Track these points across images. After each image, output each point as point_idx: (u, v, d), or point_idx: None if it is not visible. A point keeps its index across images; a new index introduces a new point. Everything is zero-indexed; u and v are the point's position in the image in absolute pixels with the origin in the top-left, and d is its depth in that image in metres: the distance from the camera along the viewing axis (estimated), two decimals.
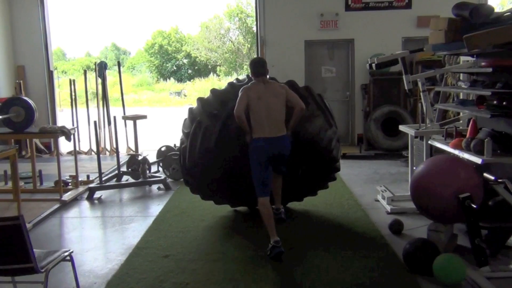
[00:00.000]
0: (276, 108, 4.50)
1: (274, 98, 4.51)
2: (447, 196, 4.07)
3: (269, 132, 4.48)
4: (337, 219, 5.57)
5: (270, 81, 4.69)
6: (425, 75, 5.70)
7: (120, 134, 7.69)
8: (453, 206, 4.05)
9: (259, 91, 4.53)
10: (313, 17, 10.16)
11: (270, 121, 4.48)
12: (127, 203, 6.58)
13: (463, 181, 4.11)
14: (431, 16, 9.65)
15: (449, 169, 4.19)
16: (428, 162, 4.40)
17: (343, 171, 7.96)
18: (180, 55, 41.00)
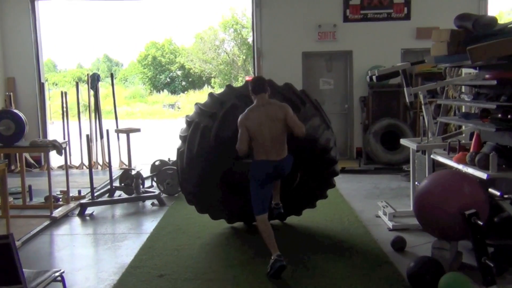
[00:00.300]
0: (279, 131, 4.45)
1: (275, 122, 4.44)
2: (452, 213, 4.02)
3: (273, 155, 4.46)
4: (337, 235, 5.52)
5: (270, 101, 4.58)
6: (426, 88, 5.69)
7: (112, 148, 7.61)
8: (458, 223, 3.99)
9: (260, 117, 4.44)
10: (311, 28, 10.18)
11: (274, 144, 4.45)
12: (120, 220, 6.49)
13: (468, 197, 4.06)
14: (430, 28, 9.75)
15: (454, 184, 4.14)
16: (432, 177, 4.36)
17: (342, 185, 7.94)
18: (174, 67, 41.06)
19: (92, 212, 6.72)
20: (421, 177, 5.73)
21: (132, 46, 61.15)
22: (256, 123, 4.41)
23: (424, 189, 4.26)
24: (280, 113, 4.45)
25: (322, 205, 6.50)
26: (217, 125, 4.92)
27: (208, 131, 4.94)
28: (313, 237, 5.47)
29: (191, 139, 5.06)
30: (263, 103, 4.51)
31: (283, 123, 4.45)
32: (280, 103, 4.57)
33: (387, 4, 10.15)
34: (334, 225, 5.88)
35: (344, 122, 10.59)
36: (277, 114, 4.45)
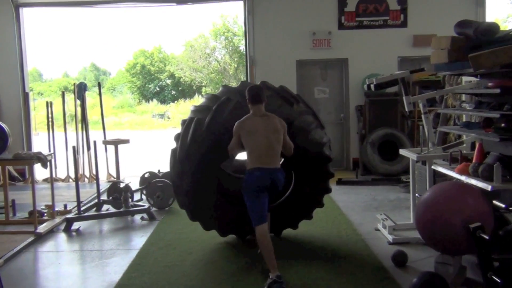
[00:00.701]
0: (276, 142, 4.61)
1: (273, 133, 4.60)
2: (455, 226, 3.96)
3: (267, 163, 4.55)
4: (335, 250, 5.44)
5: (268, 114, 4.73)
6: (426, 96, 5.64)
7: (100, 160, 7.51)
8: (462, 236, 3.93)
9: (256, 125, 4.61)
10: (305, 35, 10.19)
11: (269, 152, 4.57)
12: (107, 235, 6.38)
13: (472, 209, 4.00)
14: (427, 35, 9.83)
15: (457, 196, 4.09)
16: (434, 189, 4.30)
17: (339, 197, 7.89)
18: (163, 76, 40.99)
19: (79, 227, 6.61)
20: (421, 189, 5.68)
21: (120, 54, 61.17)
22: (252, 132, 4.57)
23: (426, 202, 4.20)
24: (280, 126, 4.65)
25: (319, 218, 6.47)
26: (210, 115, 5.07)
27: (201, 123, 5.08)
28: (311, 252, 5.39)
29: (184, 134, 5.18)
30: (260, 113, 4.68)
31: (280, 135, 4.64)
32: (279, 118, 4.74)
33: (383, 11, 10.18)
34: (332, 239, 5.80)
35: (340, 132, 10.57)
36: (277, 126, 4.63)
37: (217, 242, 5.77)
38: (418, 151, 5.78)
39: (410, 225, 5.85)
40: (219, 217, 5.41)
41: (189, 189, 5.21)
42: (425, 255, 5.01)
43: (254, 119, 4.64)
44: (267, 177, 4.54)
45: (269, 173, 4.54)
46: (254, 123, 4.61)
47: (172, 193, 7.40)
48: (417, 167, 5.89)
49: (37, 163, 6.53)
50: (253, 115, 4.68)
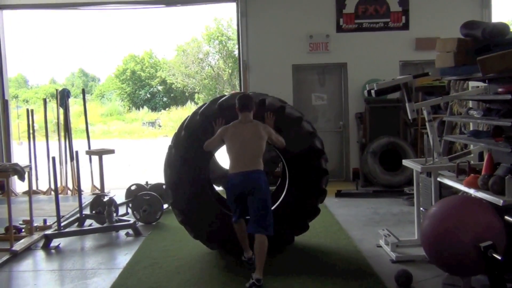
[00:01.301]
0: (254, 146, 4.97)
1: (254, 137, 4.98)
2: (464, 244, 3.81)
3: (245, 166, 4.92)
4: (334, 268, 5.27)
5: (254, 121, 5.12)
6: (430, 103, 5.50)
7: (84, 171, 7.34)
8: (472, 256, 3.78)
9: (240, 131, 5.03)
10: (302, 39, 10.10)
11: (246, 156, 4.94)
12: (89, 253, 6.20)
13: (483, 226, 3.85)
14: (430, 38, 9.78)
15: (466, 212, 3.94)
16: (441, 204, 4.14)
17: (338, 211, 7.74)
18: (154, 82, 40.88)
19: (58, 244, 6.42)
20: (426, 202, 5.53)
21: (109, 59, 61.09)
22: (234, 137, 5.01)
23: (432, 217, 4.04)
24: (264, 133, 5.03)
25: (316, 234, 6.35)
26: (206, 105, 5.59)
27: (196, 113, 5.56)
28: (307, 270, 5.21)
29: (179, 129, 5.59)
30: (245, 121, 5.08)
31: (263, 141, 5.01)
32: (263, 124, 5.15)
33: (384, 12, 10.09)
34: (330, 257, 5.64)
35: (339, 140, 10.46)
36: (260, 133, 5.01)
37: (207, 261, 5.60)
38: (423, 161, 5.63)
39: (415, 242, 5.71)
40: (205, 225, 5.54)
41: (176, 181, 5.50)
42: (431, 275, 4.85)
43: (239, 125, 5.06)
44: (245, 180, 4.88)
45: (247, 175, 4.89)
46: (238, 129, 5.03)
47: (159, 207, 7.29)
48: (421, 179, 5.74)
49: (13, 175, 6.34)
50: (239, 122, 5.08)
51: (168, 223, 7.29)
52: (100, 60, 61.05)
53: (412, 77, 5.57)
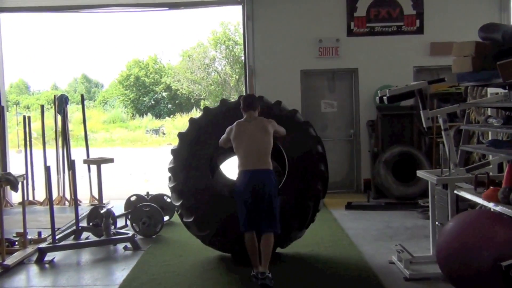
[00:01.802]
0: (261, 142, 5.22)
1: (260, 133, 5.24)
2: (484, 263, 3.66)
3: (253, 165, 5.15)
4: (343, 285, 5.14)
5: (258, 117, 5.41)
6: (447, 111, 5.37)
7: (83, 181, 7.27)
8: (493, 276, 3.63)
9: (245, 126, 5.31)
10: (311, 43, 10.02)
11: (254, 154, 5.19)
12: (85, 268, 6.09)
13: (503, 243, 3.71)
14: (446, 43, 9.68)
15: (486, 228, 3.80)
16: (459, 219, 4.00)
17: (348, 224, 7.61)
18: (159, 88, 40.93)
19: (53, 258, 6.31)
20: (442, 216, 5.37)
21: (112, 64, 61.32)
22: (241, 134, 5.26)
23: (450, 234, 3.90)
24: (269, 126, 5.30)
25: (324, 248, 6.29)
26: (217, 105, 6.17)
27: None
28: (315, 286, 5.08)
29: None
30: (250, 118, 5.36)
31: (270, 136, 5.26)
32: (268, 119, 5.41)
33: (397, 16, 10.00)
34: (339, 272, 5.50)
35: (349, 150, 10.34)
36: (266, 127, 5.28)
37: (209, 278, 5.47)
38: (438, 172, 5.49)
39: (430, 258, 5.55)
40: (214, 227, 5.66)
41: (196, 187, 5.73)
42: None
43: (244, 123, 5.33)
44: (255, 178, 5.11)
45: (257, 174, 5.12)
46: (243, 127, 5.30)
47: (160, 219, 7.18)
48: (437, 191, 5.58)
49: (6, 185, 6.26)
50: (244, 120, 5.37)
51: (169, 236, 7.18)
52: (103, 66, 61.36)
53: (427, 83, 5.44)
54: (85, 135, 10.30)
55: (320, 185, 5.85)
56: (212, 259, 6.04)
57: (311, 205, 5.76)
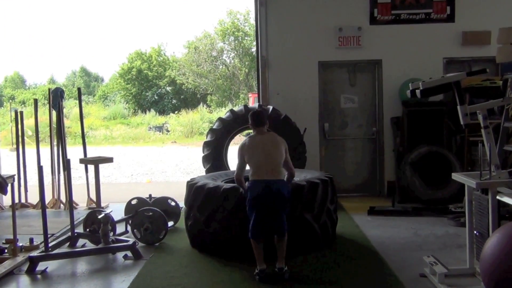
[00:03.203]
0: (275, 154, 5.63)
1: (272, 146, 5.67)
2: None
3: (266, 175, 5.55)
4: None
5: (270, 132, 5.92)
6: (488, 106, 5.11)
7: (81, 182, 7.09)
8: None
9: (257, 140, 5.74)
10: (330, 32, 9.86)
11: (268, 165, 5.58)
12: (81, 279, 5.90)
13: None
14: (479, 32, 9.47)
15: None
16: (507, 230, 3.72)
17: (372, 232, 7.37)
18: (162, 82, 40.94)
19: (45, 268, 6.14)
20: (481, 224, 5.13)
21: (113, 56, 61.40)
22: (254, 147, 5.68)
23: (498, 247, 3.62)
24: (282, 143, 5.74)
25: (345, 259, 6.11)
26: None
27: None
28: None
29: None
30: (262, 133, 5.79)
31: (281, 149, 5.68)
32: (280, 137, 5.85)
33: (425, 2, 9.83)
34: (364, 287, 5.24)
35: (371, 149, 10.16)
36: (277, 141, 5.75)
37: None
38: (476, 175, 5.22)
39: (466, 271, 5.35)
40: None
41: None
42: None
43: (256, 137, 5.76)
44: (263, 188, 5.47)
45: (265, 183, 5.49)
46: (256, 140, 5.73)
47: (163, 225, 7.01)
48: (475, 196, 5.32)
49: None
50: (256, 134, 5.79)
51: (173, 244, 6.99)
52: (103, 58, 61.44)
53: (466, 75, 5.18)
54: (82, 132, 10.12)
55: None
56: (220, 271, 5.85)
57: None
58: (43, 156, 9.71)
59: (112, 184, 13.21)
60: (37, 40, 55.31)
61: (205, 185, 6.46)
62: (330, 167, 9.69)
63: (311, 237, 6.37)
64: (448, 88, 5.22)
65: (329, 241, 6.69)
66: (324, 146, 9.92)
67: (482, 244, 5.11)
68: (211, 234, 6.38)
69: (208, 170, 8.90)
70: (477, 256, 5.30)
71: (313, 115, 9.82)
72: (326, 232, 6.61)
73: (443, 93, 5.58)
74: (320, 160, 9.79)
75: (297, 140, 8.91)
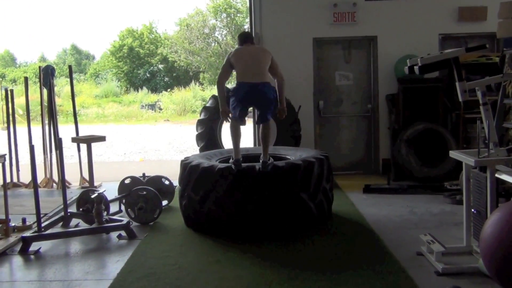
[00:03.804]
0: (261, 58, 6.10)
1: (259, 52, 6.22)
2: None
3: (252, 78, 5.98)
4: (367, 284, 4.82)
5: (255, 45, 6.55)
6: (487, 82, 5.02)
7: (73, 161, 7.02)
8: None
9: (244, 50, 6.18)
10: (324, 8, 9.75)
11: (254, 69, 6.01)
12: (74, 260, 5.83)
13: None
14: (476, 7, 9.35)
15: None
16: (508, 209, 3.66)
17: (367, 210, 7.33)
18: (154, 60, 40.65)
19: (39, 248, 6.07)
20: (479, 202, 5.07)
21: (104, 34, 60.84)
22: (241, 52, 6.16)
23: (498, 227, 3.57)
24: (267, 52, 6.27)
25: (343, 239, 6.03)
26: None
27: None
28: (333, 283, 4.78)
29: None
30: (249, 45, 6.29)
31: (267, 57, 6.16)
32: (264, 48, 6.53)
33: None
34: (363, 267, 5.18)
35: (367, 126, 10.11)
36: (265, 50, 6.32)
37: (214, 271, 5.19)
38: (474, 153, 5.15)
39: (463, 249, 5.32)
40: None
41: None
42: None
43: (243, 47, 6.23)
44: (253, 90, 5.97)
45: (255, 86, 5.98)
46: (243, 48, 6.22)
47: (158, 205, 6.96)
48: (473, 174, 5.26)
49: None
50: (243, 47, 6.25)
51: (168, 223, 6.93)
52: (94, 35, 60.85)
53: (465, 51, 5.08)
54: (73, 110, 9.99)
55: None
56: (216, 251, 5.79)
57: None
58: (34, 135, 9.60)
59: (104, 163, 13.11)
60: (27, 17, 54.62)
61: (199, 165, 6.38)
62: (324, 145, 9.66)
63: (307, 216, 6.33)
64: (446, 65, 5.12)
65: (325, 220, 6.68)
66: (318, 124, 9.85)
67: (479, 222, 5.08)
68: (206, 214, 6.33)
69: (202, 149, 8.83)
70: (474, 234, 5.29)
71: (308, 92, 9.73)
72: (322, 211, 6.59)
73: (443, 69, 5.43)
74: (315, 138, 9.74)
75: (292, 118, 8.86)
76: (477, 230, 5.13)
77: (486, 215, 4.88)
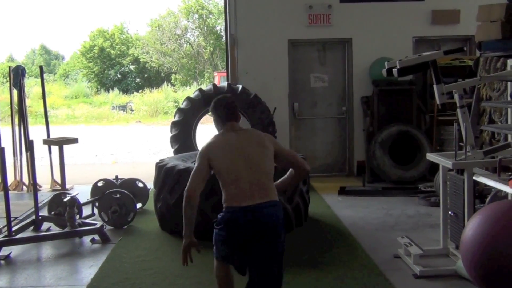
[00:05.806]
0: (262, 159, 3.67)
1: (258, 148, 3.71)
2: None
3: (251, 197, 3.55)
4: (345, 286, 4.80)
5: (247, 128, 4.06)
6: (465, 85, 5.05)
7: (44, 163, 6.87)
8: None
9: (231, 139, 3.74)
10: (299, 10, 9.71)
11: (251, 179, 3.58)
12: (46, 265, 5.73)
13: None
14: (449, 10, 9.45)
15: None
16: (489, 212, 3.67)
17: (344, 212, 7.33)
18: (125, 60, 40.30)
19: (9, 253, 5.95)
20: (456, 204, 5.11)
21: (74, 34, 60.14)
22: (226, 148, 3.69)
23: (479, 230, 3.57)
24: (267, 140, 3.78)
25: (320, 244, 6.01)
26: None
27: None
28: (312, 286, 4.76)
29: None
30: (235, 129, 3.81)
31: (269, 150, 3.72)
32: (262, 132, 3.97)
33: None
34: (340, 271, 5.18)
35: (341, 129, 10.11)
36: (264, 139, 3.78)
37: (191, 276, 5.13)
38: (450, 155, 5.19)
39: (440, 251, 5.38)
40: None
41: None
42: None
43: (228, 134, 3.77)
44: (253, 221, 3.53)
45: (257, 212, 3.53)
46: (229, 138, 3.74)
47: (132, 208, 6.86)
48: (450, 176, 5.29)
49: None
50: (226, 131, 3.80)
51: (142, 226, 6.83)
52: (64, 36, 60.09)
53: (443, 53, 5.10)
54: (45, 111, 9.79)
55: None
56: (193, 254, 5.69)
57: None
58: (4, 137, 9.40)
59: (76, 165, 12.90)
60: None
61: (175, 167, 6.29)
62: (300, 147, 9.65)
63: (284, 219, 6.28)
64: (425, 67, 5.14)
65: (302, 223, 6.65)
66: (294, 126, 9.83)
67: (456, 224, 5.11)
68: (181, 217, 6.23)
69: (176, 151, 8.73)
70: (451, 237, 5.31)
71: (283, 94, 9.70)
72: (299, 213, 6.56)
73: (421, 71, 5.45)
74: (290, 140, 9.71)
75: (267, 120, 8.83)
76: (454, 232, 5.16)
77: (463, 218, 4.91)
